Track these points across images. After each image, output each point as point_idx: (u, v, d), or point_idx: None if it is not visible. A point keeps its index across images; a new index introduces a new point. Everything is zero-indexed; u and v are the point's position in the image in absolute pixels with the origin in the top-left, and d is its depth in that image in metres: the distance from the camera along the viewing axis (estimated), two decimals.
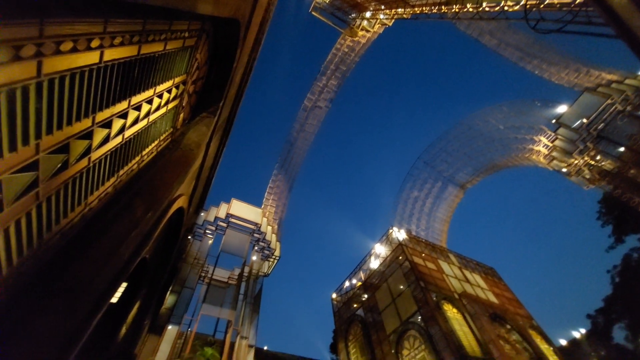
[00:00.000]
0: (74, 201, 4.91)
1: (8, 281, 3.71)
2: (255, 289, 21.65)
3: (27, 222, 3.85)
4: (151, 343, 15.53)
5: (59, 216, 4.55)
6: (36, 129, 3.63)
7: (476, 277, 20.10)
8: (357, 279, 21.07)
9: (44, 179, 4.02)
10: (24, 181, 3.72)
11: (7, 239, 3.51)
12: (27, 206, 3.82)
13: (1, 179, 3.33)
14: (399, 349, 14.62)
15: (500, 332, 15.83)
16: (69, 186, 4.67)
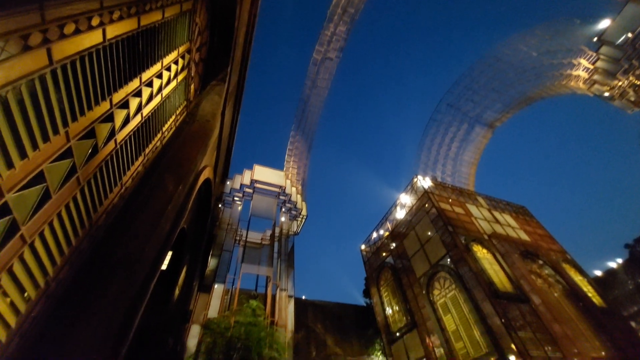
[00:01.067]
0: (111, 182, 5.21)
1: (72, 258, 4.16)
2: (287, 247, 22.95)
3: (75, 206, 4.17)
4: (202, 300, 17.40)
5: (100, 198, 4.89)
6: (62, 117, 3.75)
7: (506, 217, 19.87)
8: (384, 230, 21.62)
9: (80, 164, 4.24)
10: (64, 168, 3.95)
11: (62, 222, 3.85)
12: (72, 191, 4.11)
13: (43, 169, 3.55)
14: (430, 289, 15.33)
15: (532, 267, 16.01)
16: (103, 169, 4.92)
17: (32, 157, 3.36)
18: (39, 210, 3.48)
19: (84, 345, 3.91)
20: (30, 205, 3.40)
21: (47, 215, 3.64)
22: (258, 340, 13.23)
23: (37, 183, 3.49)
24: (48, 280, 3.62)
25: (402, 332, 16.35)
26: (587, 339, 13.12)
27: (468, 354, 12.48)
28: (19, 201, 3.22)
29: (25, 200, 3.33)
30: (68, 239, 3.98)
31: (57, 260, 3.77)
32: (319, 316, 32.34)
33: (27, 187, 3.32)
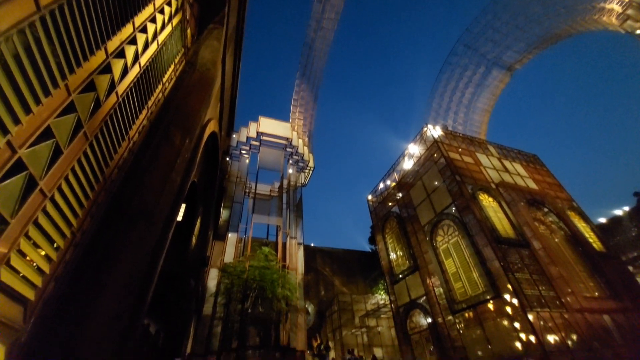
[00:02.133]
0: (118, 137, 5.19)
1: (92, 211, 4.35)
2: (295, 198, 23.55)
3: (87, 161, 4.23)
4: (218, 247, 18.59)
5: (110, 152, 4.92)
6: (59, 69, 3.59)
7: (516, 166, 19.64)
8: (391, 180, 21.79)
9: (85, 119, 4.18)
10: (69, 123, 3.91)
11: (77, 177, 3.94)
12: (82, 146, 4.13)
13: (50, 124, 3.52)
14: (433, 236, 15.94)
15: (536, 215, 16.31)
16: (108, 123, 4.86)
17: (37, 112, 3.31)
18: (53, 165, 3.54)
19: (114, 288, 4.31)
20: (44, 160, 3.46)
21: (62, 170, 3.71)
22: (271, 281, 14.41)
23: (47, 139, 3.50)
24: (73, 231, 3.83)
25: (405, 274, 17.51)
26: (581, 280, 13.89)
27: (466, 293, 13.41)
28: (32, 157, 3.26)
29: (38, 156, 3.37)
30: (85, 192, 4.11)
31: (78, 212, 3.94)
32: (327, 261, 34.64)
33: (38, 142, 3.34)
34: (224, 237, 19.11)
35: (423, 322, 15.51)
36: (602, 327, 12.02)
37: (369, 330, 25.69)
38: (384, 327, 25.84)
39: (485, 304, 12.37)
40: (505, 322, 11.56)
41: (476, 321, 12.67)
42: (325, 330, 27.90)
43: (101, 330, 4.01)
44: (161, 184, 5.84)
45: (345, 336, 25.45)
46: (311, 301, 28.88)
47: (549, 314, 11.30)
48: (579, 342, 10.98)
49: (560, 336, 10.75)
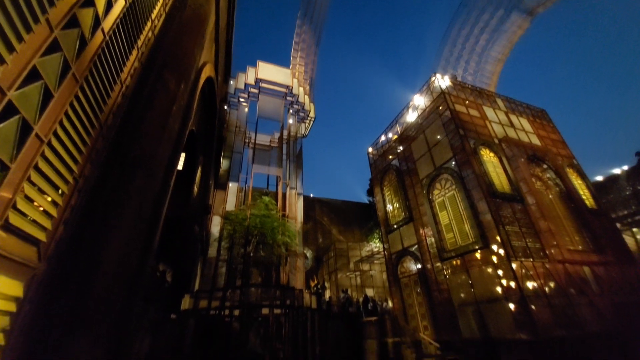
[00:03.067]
0: (109, 80, 4.91)
1: (91, 157, 4.31)
2: (295, 149, 23.41)
3: (80, 105, 4.05)
4: (219, 196, 19.04)
5: (103, 97, 4.70)
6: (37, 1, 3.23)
7: (522, 121, 19.17)
8: (393, 133, 21.44)
9: (71, 58, 3.90)
10: (56, 63, 3.66)
11: (71, 122, 3.82)
12: (72, 89, 3.92)
13: (36, 64, 3.30)
14: (430, 189, 16.25)
15: (535, 171, 16.44)
16: (97, 64, 4.56)
17: (21, 51, 3.07)
18: (45, 109, 3.42)
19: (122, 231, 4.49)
20: (35, 103, 3.32)
21: (55, 115, 3.59)
22: (272, 229, 15.08)
23: (35, 80, 3.32)
24: (75, 177, 3.84)
25: (399, 225, 18.28)
26: (568, 234, 14.57)
27: (456, 243, 14.16)
28: (23, 99, 3.12)
29: (29, 98, 3.23)
30: (82, 138, 4.03)
31: (77, 158, 3.91)
32: (325, 211, 35.87)
33: (26, 84, 3.17)
34: (225, 186, 19.45)
35: (413, 268, 16.68)
36: (581, 278, 12.97)
37: (362, 273, 27.77)
38: (377, 271, 27.89)
39: (473, 253, 13.15)
40: (489, 269, 12.41)
41: (462, 268, 13.61)
42: (322, 272, 30.15)
43: (113, 268, 4.28)
44: (159, 131, 5.72)
45: (340, 278, 27.61)
46: (309, 247, 30.68)
47: (531, 263, 12.10)
48: (556, 289, 11.96)
49: (539, 283, 11.66)
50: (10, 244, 2.87)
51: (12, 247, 2.89)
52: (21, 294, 3.00)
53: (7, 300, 2.85)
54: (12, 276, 2.91)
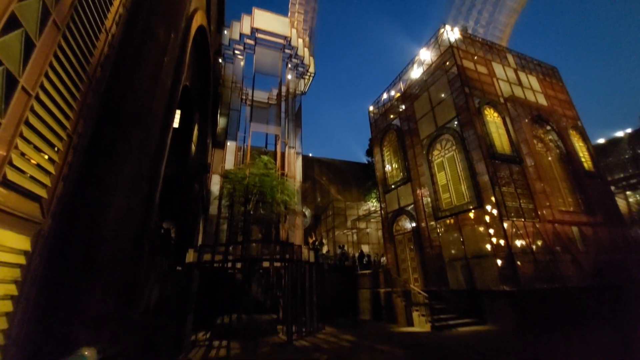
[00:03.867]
0: (93, 27, 4.54)
1: (83, 112, 4.17)
2: (294, 106, 22.73)
3: (65, 55, 3.80)
4: (218, 155, 18.94)
5: (88, 47, 4.39)
6: None
7: (532, 79, 18.38)
8: (396, 90, 20.65)
9: (50, 2, 3.56)
10: (35, 8, 3.35)
11: (58, 74, 3.61)
12: (55, 37, 3.64)
13: (14, 10, 3.01)
14: (430, 150, 16.15)
15: (537, 132, 16.21)
16: (79, 10, 4.18)
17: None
18: (28, 59, 3.21)
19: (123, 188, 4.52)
20: (17, 53, 3.11)
21: (40, 66, 3.38)
22: (271, 188, 15.27)
23: (15, 28, 3.07)
24: (68, 133, 3.75)
25: (397, 185, 18.52)
26: (562, 196, 14.86)
27: (451, 203, 14.48)
28: (4, 49, 2.92)
29: (10, 48, 3.02)
30: (71, 92, 3.85)
31: (68, 113, 3.77)
32: (324, 170, 36.04)
33: (5, 33, 2.94)
34: (223, 145, 19.24)
35: (408, 226, 17.28)
36: (568, 237, 13.54)
37: (359, 231, 28.88)
38: (372, 229, 28.97)
39: (467, 212, 13.53)
40: (481, 228, 12.88)
41: (455, 226, 14.12)
42: (320, 230, 31.31)
43: (118, 223, 4.39)
44: (151, 85, 5.45)
45: (337, 235, 28.76)
46: (308, 206, 31.42)
47: (523, 223, 12.53)
48: (543, 247, 12.55)
49: (527, 241, 12.20)
50: (12, 200, 2.90)
51: (14, 203, 2.92)
52: (29, 247, 3.10)
53: (16, 253, 2.97)
54: (18, 231, 2.99)
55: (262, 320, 11.41)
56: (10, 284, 2.87)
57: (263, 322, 11.37)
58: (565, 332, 9.22)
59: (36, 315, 3.19)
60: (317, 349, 8.68)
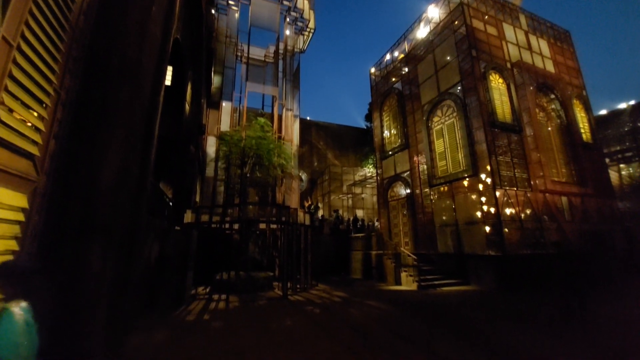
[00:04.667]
0: None
1: (69, 66, 3.92)
2: (292, 66, 21.72)
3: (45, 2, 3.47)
4: (213, 116, 18.44)
5: None
6: None
7: (542, 43, 17.51)
8: (400, 51, 19.65)
9: None
10: None
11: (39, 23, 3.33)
12: None
13: None
14: (430, 116, 15.86)
15: (541, 100, 15.87)
16: None
17: None
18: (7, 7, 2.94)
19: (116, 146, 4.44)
20: None
21: (20, 14, 3.10)
22: (268, 151, 15.15)
23: None
24: (55, 88, 3.57)
25: (395, 151, 18.48)
26: (556, 166, 15.01)
27: (447, 171, 14.60)
28: None
29: None
30: (54, 42, 3.58)
31: (53, 67, 3.56)
32: (322, 135, 35.58)
33: None
34: (218, 105, 18.65)
35: (402, 192, 17.59)
36: (557, 206, 13.94)
37: (354, 196, 29.38)
38: (368, 194, 29.48)
39: (462, 180, 13.72)
40: (474, 196, 13.16)
41: (449, 194, 14.40)
42: (316, 194, 31.77)
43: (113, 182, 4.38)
44: (139, 36, 5.09)
45: (333, 200, 29.28)
46: (304, 170, 31.49)
47: (514, 192, 12.79)
48: (531, 215, 12.97)
49: (517, 210, 12.57)
50: (4, 157, 2.84)
51: (7, 160, 2.87)
52: (27, 205, 3.11)
53: (14, 210, 2.98)
54: (14, 189, 2.97)
55: (259, 277, 12.03)
56: (10, 240, 2.92)
57: (260, 278, 11.99)
58: (535, 292, 9.97)
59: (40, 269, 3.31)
60: (311, 303, 9.29)
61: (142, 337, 5.79)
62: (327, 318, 7.43)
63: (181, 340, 5.79)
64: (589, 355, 4.59)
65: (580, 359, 4.47)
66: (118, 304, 4.56)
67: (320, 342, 5.54)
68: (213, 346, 5.44)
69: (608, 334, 5.74)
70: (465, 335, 5.85)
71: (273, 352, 5.03)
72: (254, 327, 6.65)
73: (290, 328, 6.59)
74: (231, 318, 7.58)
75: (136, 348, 5.24)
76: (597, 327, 6.19)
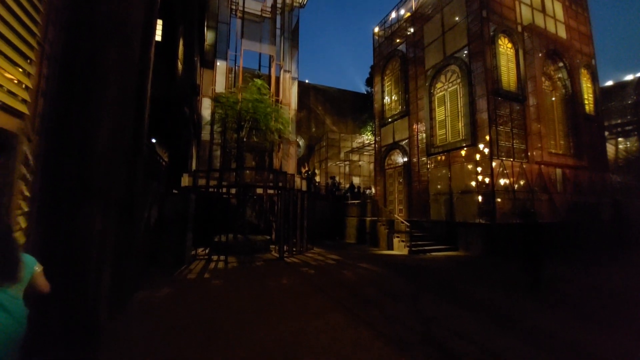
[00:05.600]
0: None
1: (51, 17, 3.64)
2: (291, 22, 20.45)
3: None
4: (207, 76, 17.69)
5: None
6: None
7: (557, 5, 16.45)
8: (407, 9, 18.41)
9: None
10: None
11: None
12: None
13: None
14: (434, 82, 15.36)
15: (548, 69, 15.32)
16: None
17: None
18: None
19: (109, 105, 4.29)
20: None
21: None
22: (265, 115, 14.79)
23: None
24: (38, 41, 3.34)
25: (394, 118, 18.15)
26: (555, 138, 14.95)
27: (446, 139, 14.51)
28: None
29: None
30: None
31: (35, 17, 3.30)
32: (320, 99, 34.59)
33: None
34: (212, 64, 17.82)
35: (399, 161, 17.62)
36: (550, 178, 14.13)
37: (351, 163, 29.40)
38: (365, 162, 29.50)
39: (460, 150, 13.70)
40: (470, 166, 13.24)
41: (445, 163, 14.46)
42: (313, 160, 31.71)
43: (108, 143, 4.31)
44: None
45: (330, 166, 29.33)
46: (302, 136, 31.07)
47: (511, 162, 12.87)
48: (525, 186, 13.19)
49: (511, 180, 12.75)
50: None
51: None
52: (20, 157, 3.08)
53: None
54: None
55: (256, 240, 12.44)
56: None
57: (257, 241, 12.40)
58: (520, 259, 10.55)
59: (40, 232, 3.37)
60: (306, 265, 9.74)
61: (147, 293, 6.12)
62: (321, 278, 7.84)
63: (184, 295, 6.14)
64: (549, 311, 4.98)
65: (543, 313, 4.86)
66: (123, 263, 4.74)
67: (314, 298, 5.91)
68: (215, 300, 5.79)
69: (572, 297, 6.17)
70: (448, 294, 6.27)
71: (269, 306, 5.39)
72: (252, 285, 7.03)
73: (286, 286, 6.98)
74: (230, 276, 7.98)
75: (141, 301, 5.56)
76: (565, 291, 6.64)
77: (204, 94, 16.96)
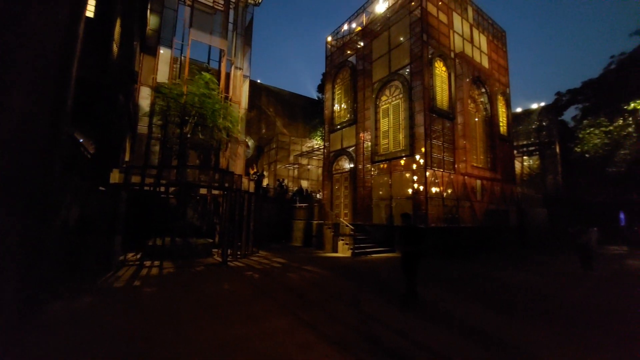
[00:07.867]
0: None
1: None
2: (245, 18, 19.95)
3: None
4: (148, 63, 16.18)
5: None
6: None
7: (482, 38, 19.06)
8: (358, 23, 19.40)
9: None
10: None
11: None
12: None
13: None
14: (380, 95, 16.44)
15: (473, 93, 17.61)
16: None
17: None
18: None
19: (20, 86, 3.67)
20: None
21: None
22: (213, 111, 14.08)
23: None
24: None
25: (343, 126, 18.89)
26: (477, 153, 17.21)
27: (388, 149, 15.61)
28: None
29: None
30: None
31: None
32: (272, 101, 34.20)
33: None
34: (154, 51, 16.41)
35: (346, 166, 18.35)
36: (472, 188, 16.18)
37: (300, 167, 29.60)
38: (314, 166, 29.98)
39: (399, 159, 14.87)
40: (407, 174, 14.45)
41: (387, 171, 15.53)
42: (262, 162, 31.10)
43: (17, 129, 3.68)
44: None
45: (279, 169, 29.09)
46: (252, 136, 30.29)
47: (441, 173, 14.41)
48: (451, 194, 14.88)
49: (440, 188, 14.26)
50: None
51: None
52: None
53: None
54: None
55: (197, 244, 11.69)
56: None
57: (198, 245, 11.66)
58: (447, 258, 11.82)
59: None
60: (250, 269, 9.49)
61: (63, 303, 5.29)
62: (266, 282, 7.72)
63: (108, 305, 5.46)
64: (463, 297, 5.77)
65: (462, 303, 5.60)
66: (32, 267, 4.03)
67: (258, 302, 5.80)
68: (145, 309, 5.27)
69: (484, 286, 7.21)
70: (385, 292, 6.74)
71: (210, 312, 5.12)
72: (191, 291, 6.59)
73: (228, 291, 6.71)
74: (165, 283, 7.35)
75: (56, 312, 4.79)
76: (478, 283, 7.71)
77: (143, 82, 15.43)
